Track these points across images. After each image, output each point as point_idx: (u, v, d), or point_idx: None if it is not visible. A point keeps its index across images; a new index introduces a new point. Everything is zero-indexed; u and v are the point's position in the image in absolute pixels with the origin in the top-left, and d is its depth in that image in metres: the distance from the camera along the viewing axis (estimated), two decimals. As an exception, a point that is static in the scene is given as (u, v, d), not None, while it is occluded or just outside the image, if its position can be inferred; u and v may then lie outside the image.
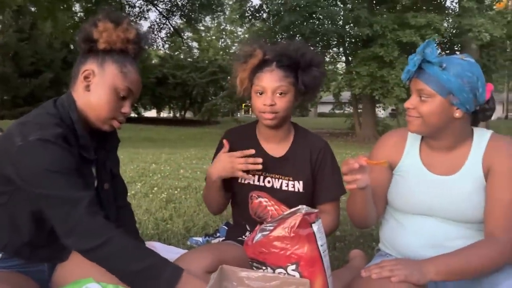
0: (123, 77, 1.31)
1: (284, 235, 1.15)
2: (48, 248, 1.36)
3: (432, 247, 1.38)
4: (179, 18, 19.26)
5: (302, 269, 1.14)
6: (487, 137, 1.39)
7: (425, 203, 1.42)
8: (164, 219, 2.86)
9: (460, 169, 1.38)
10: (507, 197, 1.29)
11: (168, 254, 2.04)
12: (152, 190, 3.81)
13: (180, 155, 7.34)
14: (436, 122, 1.33)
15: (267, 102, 1.55)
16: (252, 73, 1.60)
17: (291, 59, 1.57)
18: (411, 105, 1.36)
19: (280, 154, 1.69)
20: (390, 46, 12.74)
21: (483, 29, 11.93)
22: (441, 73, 1.29)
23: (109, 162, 1.50)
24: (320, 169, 1.68)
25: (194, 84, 25.79)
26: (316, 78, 1.60)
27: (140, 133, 15.46)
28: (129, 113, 1.37)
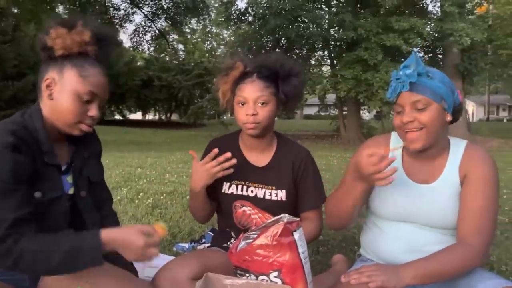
0: (83, 80, 1.30)
1: (266, 243, 1.20)
2: None
3: (411, 252, 1.43)
4: (164, 21, 19.22)
5: (284, 276, 1.18)
6: (463, 147, 1.46)
7: (405, 210, 1.47)
8: (150, 225, 2.88)
9: (439, 177, 1.45)
10: (479, 203, 1.36)
11: (155, 261, 2.08)
12: (138, 196, 3.82)
13: (166, 159, 7.34)
14: (437, 129, 1.37)
15: (249, 112, 1.59)
16: (234, 85, 1.65)
17: (271, 69, 1.62)
18: (411, 117, 1.36)
19: (263, 164, 1.73)
20: (374, 49, 12.91)
21: (464, 33, 12.18)
22: (431, 81, 1.36)
23: (86, 170, 1.49)
24: (303, 178, 1.72)
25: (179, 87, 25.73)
26: (296, 87, 1.65)
27: (125, 136, 15.37)
28: (97, 115, 1.34)
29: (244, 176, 1.71)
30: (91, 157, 1.52)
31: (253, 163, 1.73)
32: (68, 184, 1.42)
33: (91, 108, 1.33)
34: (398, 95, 1.38)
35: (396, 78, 1.38)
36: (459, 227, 1.39)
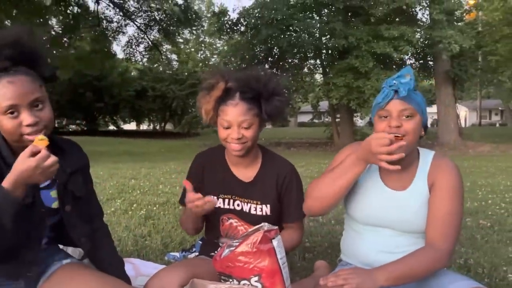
0: None
1: (247, 250, 1.28)
2: (7, 264, 1.40)
3: (386, 254, 1.52)
4: (157, 32, 19.33)
5: (264, 280, 1.27)
6: (431, 157, 1.57)
7: (381, 216, 1.56)
8: (143, 236, 2.95)
9: (410, 185, 1.55)
10: (446, 209, 1.47)
11: (146, 270, 2.17)
12: (132, 207, 3.88)
13: (159, 170, 7.40)
14: (416, 138, 1.48)
15: (234, 136, 1.62)
16: (217, 104, 1.67)
17: (254, 90, 1.63)
18: (399, 123, 1.44)
19: (248, 179, 1.77)
20: (365, 57, 13.13)
21: (452, 40, 12.41)
22: (416, 96, 1.47)
23: (70, 185, 1.51)
24: (287, 192, 1.77)
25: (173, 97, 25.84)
26: (278, 107, 1.66)
27: (120, 147, 15.38)
28: (32, 121, 1.30)
29: (231, 190, 1.76)
30: (76, 172, 1.56)
31: (239, 177, 1.78)
32: (52, 198, 1.48)
33: (23, 118, 1.31)
34: (388, 102, 1.46)
35: (389, 85, 1.46)
36: (427, 232, 1.49)
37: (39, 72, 1.37)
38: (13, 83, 1.29)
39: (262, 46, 15.83)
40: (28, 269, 1.44)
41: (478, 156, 11.56)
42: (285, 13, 14.45)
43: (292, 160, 1.99)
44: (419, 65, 16.82)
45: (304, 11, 15.58)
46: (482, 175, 6.80)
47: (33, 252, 1.45)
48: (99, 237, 1.67)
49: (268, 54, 16.45)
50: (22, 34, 1.34)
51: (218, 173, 1.79)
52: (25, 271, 1.44)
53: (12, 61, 1.31)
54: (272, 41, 15.27)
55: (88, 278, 1.49)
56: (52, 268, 1.54)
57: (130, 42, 19.62)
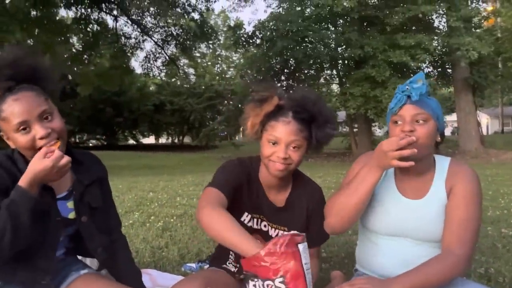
0: (6, 121, 1.34)
1: (274, 251, 1.30)
2: (27, 271, 1.43)
3: (404, 266, 1.47)
4: (174, 47, 19.65)
5: (288, 281, 1.27)
6: (447, 163, 1.55)
7: (398, 226, 1.53)
8: (160, 247, 2.97)
9: (427, 193, 1.52)
10: (463, 214, 1.44)
11: (163, 281, 2.18)
12: (149, 219, 3.93)
13: (177, 182, 7.46)
14: (429, 144, 1.44)
15: (281, 155, 1.53)
16: (266, 118, 1.57)
17: (309, 113, 1.55)
18: (412, 127, 1.41)
19: (280, 204, 1.71)
20: (381, 66, 13.05)
21: (470, 47, 12.24)
22: (430, 100, 1.45)
23: (87, 196, 1.54)
24: (313, 217, 1.72)
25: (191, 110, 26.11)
26: (329, 136, 1.60)
27: (139, 161, 15.59)
28: (44, 133, 1.34)
29: (261, 211, 1.71)
30: (93, 184, 1.59)
31: (271, 200, 1.71)
32: (68, 209, 1.51)
33: (35, 131, 1.35)
34: (401, 107, 1.44)
35: (401, 91, 1.46)
36: (443, 238, 1.46)
37: (43, 87, 1.41)
38: (18, 100, 1.34)
39: (278, 58, 15.91)
40: (42, 277, 1.46)
41: (501, 164, 11.30)
42: (300, 25, 14.52)
43: (310, 170, 1.98)
44: (437, 73, 16.64)
45: (319, 23, 15.64)
46: (505, 184, 6.64)
47: (47, 260, 1.48)
48: (117, 248, 1.69)
49: (284, 65, 16.52)
50: (20, 53, 1.39)
51: (253, 189, 1.70)
52: (39, 279, 1.46)
53: (15, 80, 1.36)
54: (287, 53, 15.34)
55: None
56: (70, 278, 1.57)
57: (148, 58, 19.98)
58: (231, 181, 1.58)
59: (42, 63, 1.46)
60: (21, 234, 1.28)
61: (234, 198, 1.57)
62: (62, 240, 1.56)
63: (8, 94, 1.34)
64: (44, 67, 1.45)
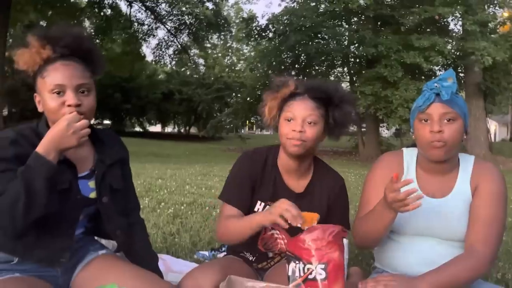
0: (46, 80, 1.38)
1: (322, 237, 1.30)
2: (45, 249, 1.44)
3: (428, 266, 1.46)
4: (186, 36, 19.61)
5: (329, 270, 1.28)
6: (472, 161, 1.54)
7: (422, 225, 1.51)
8: (172, 234, 2.98)
9: (451, 191, 1.51)
10: (487, 213, 1.43)
11: (177, 266, 2.18)
12: (160, 205, 3.93)
13: (185, 171, 7.47)
14: (458, 143, 1.43)
15: (297, 128, 1.54)
16: (282, 102, 1.62)
17: (324, 92, 1.59)
18: (441, 127, 1.40)
19: (299, 190, 1.69)
20: (394, 67, 12.95)
21: (485, 52, 12.11)
22: (459, 99, 1.44)
23: (108, 177, 1.55)
24: (334, 207, 1.71)
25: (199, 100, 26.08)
26: (347, 115, 1.61)
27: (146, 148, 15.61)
28: (74, 102, 1.37)
29: (278, 198, 1.63)
30: (114, 164, 1.60)
31: (290, 187, 1.69)
32: (90, 188, 1.52)
33: (66, 98, 1.38)
34: (429, 105, 1.41)
35: (430, 88, 1.42)
36: (467, 236, 1.45)
37: (92, 67, 1.47)
38: (65, 65, 1.39)
39: (290, 53, 15.84)
40: (61, 255, 1.48)
41: (509, 172, 11.20)
42: (314, 20, 14.44)
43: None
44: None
45: (333, 19, 15.54)
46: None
47: (67, 239, 1.49)
48: (135, 231, 1.70)
49: (295, 61, 16.44)
50: (83, 32, 1.52)
51: (270, 179, 1.69)
52: (58, 257, 1.47)
53: (70, 51, 1.42)
54: (299, 48, 15.26)
55: (124, 269, 1.52)
56: (88, 257, 1.57)
57: (160, 45, 19.97)
58: (241, 186, 1.67)
59: (98, 50, 1.57)
60: (35, 201, 1.27)
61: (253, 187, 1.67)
62: (82, 219, 1.56)
63: (59, 59, 1.40)
64: (99, 53, 1.55)
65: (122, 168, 1.65)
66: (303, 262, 1.32)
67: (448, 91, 1.38)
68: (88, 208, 1.54)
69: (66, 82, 1.37)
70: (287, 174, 1.69)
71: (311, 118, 1.56)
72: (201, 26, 18.54)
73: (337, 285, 1.28)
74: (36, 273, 1.45)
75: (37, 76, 1.41)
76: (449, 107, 1.40)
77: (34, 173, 1.26)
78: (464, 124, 1.44)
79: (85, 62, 1.45)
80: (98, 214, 1.57)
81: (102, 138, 1.61)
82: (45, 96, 1.39)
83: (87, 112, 1.41)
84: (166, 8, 18.59)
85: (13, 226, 1.29)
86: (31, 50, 1.40)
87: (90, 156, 1.56)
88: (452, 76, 1.41)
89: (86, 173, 1.53)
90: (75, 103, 1.37)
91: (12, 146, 1.35)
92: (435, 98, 1.41)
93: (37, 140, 1.38)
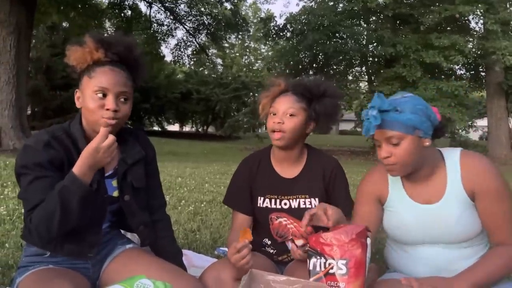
0: (92, 80, 1.46)
1: (346, 234, 1.33)
2: (74, 244, 1.51)
3: (438, 272, 1.47)
4: (205, 36, 19.75)
5: (350, 266, 1.31)
6: (457, 157, 1.48)
7: (423, 233, 1.50)
8: (193, 230, 3.06)
9: (443, 195, 1.47)
10: (502, 208, 1.43)
11: (199, 262, 2.25)
12: (180, 203, 4.02)
13: (204, 170, 7.56)
14: (414, 158, 1.41)
15: (276, 120, 1.71)
16: (272, 100, 1.78)
17: (305, 87, 1.75)
18: (388, 153, 1.41)
19: (293, 176, 1.81)
20: (413, 66, 12.84)
21: (507, 52, 11.91)
22: (400, 115, 1.38)
23: (130, 176, 1.61)
24: (335, 186, 1.79)
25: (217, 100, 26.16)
26: (327, 107, 1.74)
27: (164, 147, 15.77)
28: (113, 107, 1.45)
29: (276, 190, 1.80)
30: (136, 164, 1.65)
31: (282, 175, 1.82)
32: (113, 187, 1.59)
33: (107, 101, 1.46)
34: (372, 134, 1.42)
35: (366, 118, 1.40)
36: (492, 234, 1.45)
37: (135, 77, 1.57)
38: (112, 71, 1.48)
39: (307, 52, 15.81)
40: (89, 250, 1.56)
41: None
42: (332, 20, 14.39)
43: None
44: (470, 75, 16.27)
45: (352, 18, 15.45)
46: (536, 192, 6.48)
47: (95, 235, 1.56)
48: (160, 228, 1.76)
49: (312, 60, 16.41)
50: (134, 43, 1.59)
51: (264, 174, 1.84)
52: (86, 251, 1.55)
53: (120, 58, 1.52)
54: (318, 47, 15.23)
55: (151, 262, 1.59)
56: (116, 251, 1.65)
57: (179, 45, 20.13)
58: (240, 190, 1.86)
59: (143, 60, 1.64)
60: (70, 217, 1.36)
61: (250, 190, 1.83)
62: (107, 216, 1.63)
63: (108, 63, 1.50)
64: (143, 63, 1.62)
65: (146, 166, 1.71)
66: (325, 257, 1.34)
67: (371, 125, 1.38)
68: (112, 205, 1.61)
69: (110, 87, 1.46)
70: (280, 164, 1.84)
71: (291, 111, 1.71)
72: (219, 26, 18.64)
73: (357, 281, 1.30)
74: (68, 265, 1.53)
75: (83, 74, 1.50)
76: (390, 131, 1.38)
77: (70, 194, 1.33)
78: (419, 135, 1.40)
79: (130, 71, 1.55)
80: (121, 210, 1.64)
81: (127, 138, 1.67)
82: (87, 94, 1.47)
83: (122, 118, 1.51)
84: (185, 8, 18.74)
85: (47, 234, 1.39)
86: (85, 49, 1.49)
87: (115, 155, 1.61)
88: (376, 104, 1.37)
89: (111, 172, 1.60)
90: (113, 108, 1.45)
91: (45, 150, 1.42)
92: (374, 126, 1.39)
93: (69, 141, 1.48)
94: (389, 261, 1.69)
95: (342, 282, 1.30)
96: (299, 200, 1.78)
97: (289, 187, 1.79)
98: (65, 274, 1.46)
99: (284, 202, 1.79)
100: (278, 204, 1.79)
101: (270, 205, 1.80)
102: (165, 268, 1.56)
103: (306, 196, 1.78)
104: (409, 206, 1.52)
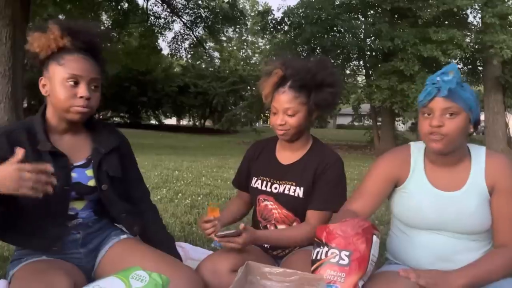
0: (62, 68, 1.45)
1: (352, 228, 1.33)
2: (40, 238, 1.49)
3: (441, 261, 1.47)
4: (202, 29, 19.63)
5: (353, 258, 1.30)
6: (483, 153, 1.50)
7: (433, 219, 1.49)
8: (189, 223, 3.05)
9: (464, 184, 1.48)
10: None
11: (195, 254, 2.25)
12: (177, 196, 4.02)
13: (201, 163, 7.55)
14: (459, 138, 1.40)
15: (278, 122, 1.72)
16: (273, 90, 1.75)
17: (302, 80, 1.69)
18: (441, 122, 1.38)
19: (290, 162, 1.83)
20: (410, 60, 12.80)
21: (505, 45, 11.89)
22: (463, 91, 1.39)
23: (104, 165, 1.59)
24: (321, 179, 1.75)
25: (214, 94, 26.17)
26: (326, 99, 1.71)
27: (161, 140, 15.78)
28: (86, 95, 1.45)
29: (270, 173, 1.83)
30: (111, 153, 1.63)
31: (281, 161, 1.85)
32: (88, 177, 1.57)
33: (79, 89, 1.45)
34: (431, 100, 1.40)
35: (432, 83, 1.39)
36: (496, 234, 1.45)
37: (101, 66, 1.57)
38: (83, 59, 1.49)
39: (305, 46, 15.76)
40: (53, 244, 1.52)
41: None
42: (330, 13, 14.34)
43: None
44: (467, 69, 16.25)
45: (350, 12, 15.39)
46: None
47: (59, 228, 1.54)
48: (148, 218, 1.77)
49: (310, 54, 16.35)
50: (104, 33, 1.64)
51: (265, 158, 1.90)
52: (51, 245, 1.52)
53: (87, 46, 1.52)
54: (315, 41, 15.17)
55: (146, 253, 1.59)
56: (110, 242, 1.65)
57: (176, 38, 20.02)
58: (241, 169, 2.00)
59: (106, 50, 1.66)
60: None
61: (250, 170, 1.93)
62: (86, 204, 1.61)
63: (75, 52, 1.49)
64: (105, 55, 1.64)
65: (121, 158, 1.69)
66: (328, 246, 1.35)
67: (447, 87, 1.35)
68: (89, 195, 1.60)
69: (83, 74, 1.46)
70: (282, 149, 1.88)
71: (290, 111, 1.70)
72: (216, 19, 18.53)
73: (357, 275, 1.29)
74: (62, 256, 1.53)
75: (50, 61, 1.48)
76: (451, 102, 1.38)
77: None
78: (470, 117, 1.41)
79: (96, 60, 1.54)
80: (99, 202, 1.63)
81: (98, 129, 1.67)
82: (57, 82, 1.46)
83: (94, 106, 1.51)
84: (182, 1, 18.59)
85: None
86: (49, 36, 1.47)
87: (86, 145, 1.62)
88: (454, 69, 1.38)
89: (83, 162, 1.58)
90: (87, 95, 1.46)
91: None
92: (437, 92, 1.38)
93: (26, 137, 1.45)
94: (389, 247, 1.69)
95: (342, 272, 1.30)
96: (286, 186, 1.79)
97: (282, 172, 1.82)
98: (59, 265, 1.46)
99: (274, 186, 1.81)
100: (269, 187, 1.81)
101: (260, 187, 1.83)
102: (161, 259, 1.56)
103: (293, 183, 1.78)
104: (428, 191, 1.51)
